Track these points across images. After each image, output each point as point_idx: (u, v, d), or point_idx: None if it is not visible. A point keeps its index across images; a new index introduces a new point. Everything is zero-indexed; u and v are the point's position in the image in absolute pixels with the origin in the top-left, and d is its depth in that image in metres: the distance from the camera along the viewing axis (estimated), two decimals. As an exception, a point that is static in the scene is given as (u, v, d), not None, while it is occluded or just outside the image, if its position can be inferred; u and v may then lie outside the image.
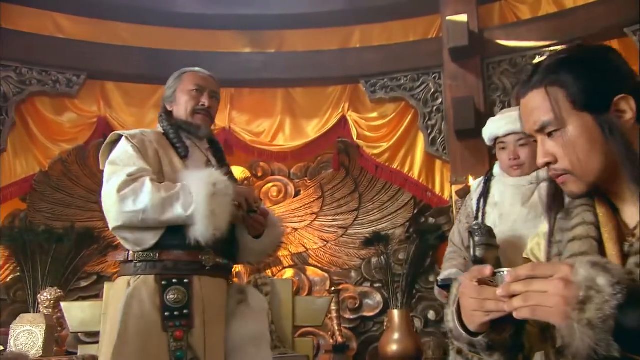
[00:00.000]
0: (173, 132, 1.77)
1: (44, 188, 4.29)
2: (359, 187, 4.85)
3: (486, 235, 1.83)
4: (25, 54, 4.12)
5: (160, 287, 1.61)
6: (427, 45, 4.41)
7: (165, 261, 1.65)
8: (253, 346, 1.67)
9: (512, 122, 1.96)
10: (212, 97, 1.87)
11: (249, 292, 1.76)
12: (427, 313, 4.49)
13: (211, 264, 1.68)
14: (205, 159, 1.82)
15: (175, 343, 1.58)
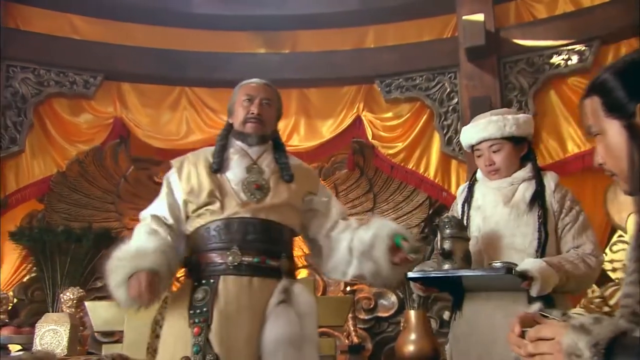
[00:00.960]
0: (218, 147, 1.93)
1: (61, 189, 4.33)
2: (374, 188, 4.84)
3: (456, 228, 1.86)
4: (43, 56, 4.16)
5: (192, 288, 1.75)
6: (443, 44, 4.40)
7: (201, 264, 1.79)
8: (292, 348, 1.66)
9: (482, 130, 2.01)
10: (262, 104, 1.95)
11: (293, 292, 1.75)
12: (442, 313, 4.47)
13: (236, 263, 1.74)
14: (250, 164, 1.91)
15: (193, 339, 1.66)
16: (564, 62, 3.90)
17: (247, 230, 1.79)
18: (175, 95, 4.59)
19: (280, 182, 1.89)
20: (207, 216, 1.82)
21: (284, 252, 1.84)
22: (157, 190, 5.00)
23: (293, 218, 1.90)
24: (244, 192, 1.84)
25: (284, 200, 1.87)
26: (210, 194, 1.82)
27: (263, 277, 1.77)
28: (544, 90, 4.02)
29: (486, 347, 1.81)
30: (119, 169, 4.61)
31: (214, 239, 1.79)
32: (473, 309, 1.90)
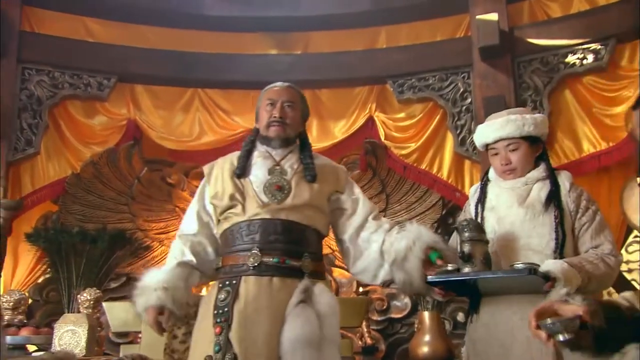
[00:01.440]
0: (243, 152, 1.98)
1: (75, 190, 4.36)
2: (386, 188, 4.83)
3: (475, 231, 1.84)
4: (58, 58, 4.19)
5: (217, 289, 1.81)
6: (455, 44, 4.37)
7: (225, 266, 1.86)
8: (311, 349, 1.65)
9: (500, 128, 1.99)
10: (285, 107, 1.99)
11: (314, 292, 1.75)
12: (456, 315, 4.45)
13: (256, 264, 1.77)
14: (272, 166, 1.95)
15: (215, 338, 1.71)
16: (579, 61, 3.86)
17: (267, 231, 1.81)
18: (188, 96, 4.61)
19: (303, 182, 1.90)
20: (231, 219, 1.87)
21: (307, 252, 1.84)
22: (169, 192, 5.06)
23: (317, 218, 1.90)
24: (265, 194, 1.87)
25: (306, 200, 1.87)
26: (231, 197, 1.87)
27: (283, 277, 1.79)
28: (558, 90, 3.99)
29: (505, 350, 1.80)
30: (133, 171, 4.64)
31: (237, 241, 1.83)
32: (490, 312, 1.89)
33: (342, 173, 2.07)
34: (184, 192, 4.85)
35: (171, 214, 4.75)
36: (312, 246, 1.88)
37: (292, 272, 1.79)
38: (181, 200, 4.80)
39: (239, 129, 4.58)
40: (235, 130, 4.59)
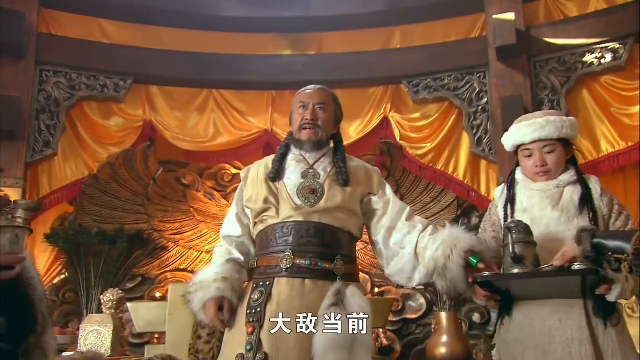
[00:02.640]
0: (277, 156, 2.00)
1: (92, 191, 4.38)
2: (401, 189, 4.82)
3: (524, 233, 1.82)
4: (75, 60, 4.22)
5: (252, 289, 1.83)
6: (471, 44, 4.36)
7: (260, 267, 1.87)
8: (342, 351, 1.65)
9: (539, 129, 1.97)
10: (316, 109, 1.98)
11: (347, 294, 1.72)
12: (471, 315, 4.43)
13: (289, 266, 1.79)
14: (306, 169, 1.96)
15: (247, 337, 1.73)
16: (597, 61, 3.84)
17: (300, 233, 1.83)
18: (203, 97, 4.62)
19: (335, 185, 1.91)
20: (266, 221, 1.89)
21: (339, 255, 1.84)
22: (184, 193, 5.06)
23: (349, 221, 1.90)
24: (298, 197, 1.88)
25: (338, 203, 1.88)
26: (265, 200, 1.89)
27: (316, 280, 1.79)
28: (576, 90, 3.97)
29: (542, 351, 1.78)
30: (149, 172, 4.66)
31: (271, 243, 1.86)
32: (524, 313, 1.86)
33: (376, 175, 2.05)
34: (198, 192, 4.87)
35: (186, 214, 4.77)
36: (344, 249, 1.87)
37: (324, 275, 1.79)
38: (196, 201, 4.82)
39: (254, 130, 4.59)
40: (249, 131, 4.59)
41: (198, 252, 4.72)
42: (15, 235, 0.98)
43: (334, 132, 2.03)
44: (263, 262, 1.86)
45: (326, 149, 2.00)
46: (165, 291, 4.51)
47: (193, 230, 4.75)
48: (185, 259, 4.69)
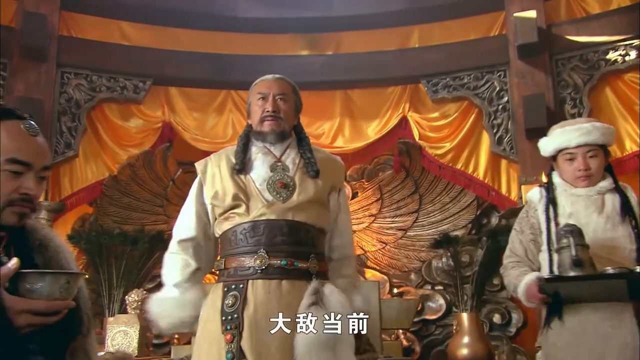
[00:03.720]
0: (239, 147, 1.87)
1: (112, 192, 4.41)
2: (419, 189, 4.80)
3: (579, 236, 1.84)
4: (95, 62, 4.25)
5: (223, 293, 1.71)
6: (491, 42, 4.33)
7: (229, 269, 1.75)
8: (326, 351, 1.60)
9: (585, 134, 1.99)
10: (277, 100, 1.88)
11: (325, 292, 1.65)
12: (492, 316, 4.39)
13: (263, 267, 1.70)
14: (273, 162, 1.85)
15: (226, 345, 1.63)
16: (621, 58, 3.79)
17: (273, 232, 1.73)
18: (221, 98, 4.63)
19: (306, 177, 1.81)
20: (234, 219, 1.77)
21: (313, 253, 1.76)
22: (203, 193, 5.06)
23: (321, 216, 1.82)
24: (269, 192, 1.77)
25: (310, 197, 1.78)
26: (234, 197, 1.77)
27: (292, 280, 1.70)
28: (599, 88, 3.92)
29: (597, 356, 1.81)
30: (168, 173, 4.68)
31: (241, 242, 1.74)
32: (578, 320, 1.88)
33: (342, 167, 1.96)
34: (216, 193, 4.87)
35: (204, 215, 4.78)
36: (318, 246, 1.79)
37: (300, 274, 1.71)
38: (214, 202, 4.83)
39: (272, 130, 4.58)
40: (268, 132, 4.59)
41: (216, 253, 4.73)
42: (67, 281, 0.96)
43: (294, 123, 1.93)
44: (232, 262, 1.74)
45: (289, 140, 1.90)
46: (184, 291, 4.53)
47: (211, 231, 4.76)
48: (203, 259, 4.70)
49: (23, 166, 1.06)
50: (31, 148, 1.08)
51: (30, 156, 1.07)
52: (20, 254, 1.08)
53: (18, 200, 1.05)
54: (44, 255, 1.11)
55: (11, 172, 1.05)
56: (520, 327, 4.33)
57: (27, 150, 1.07)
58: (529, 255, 2.02)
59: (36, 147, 1.09)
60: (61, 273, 0.97)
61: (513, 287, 1.99)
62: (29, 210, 1.07)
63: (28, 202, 1.06)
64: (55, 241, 1.15)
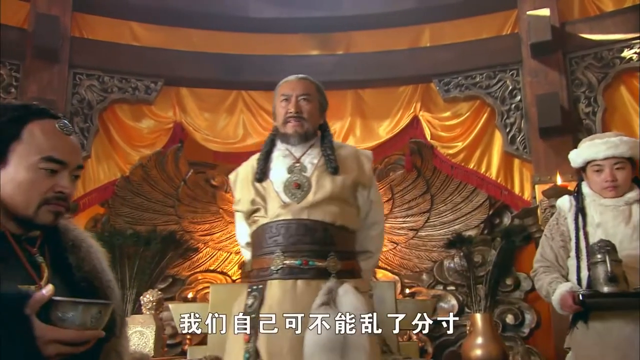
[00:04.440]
0: (261, 155, 1.91)
1: (124, 193, 4.42)
2: (431, 188, 4.77)
3: (614, 251, 1.95)
4: (107, 63, 4.25)
5: (247, 294, 1.76)
6: (503, 41, 4.30)
7: (254, 270, 1.81)
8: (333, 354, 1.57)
9: (613, 147, 2.10)
10: (300, 100, 1.91)
11: (339, 292, 1.63)
12: (504, 317, 4.36)
13: (279, 267, 1.72)
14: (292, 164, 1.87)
15: (244, 345, 1.66)
16: (636, 56, 3.76)
17: (289, 232, 1.75)
18: (232, 98, 4.63)
19: (324, 175, 1.81)
20: (258, 221, 1.83)
21: (332, 252, 1.75)
22: (214, 194, 5.08)
23: (342, 214, 1.80)
24: (285, 194, 1.80)
25: (327, 194, 1.78)
26: (252, 202, 1.82)
27: (308, 280, 1.71)
28: (613, 86, 3.89)
29: (623, 356, 1.91)
30: (179, 173, 4.68)
31: (263, 244, 1.78)
32: (602, 323, 1.99)
33: (367, 164, 1.91)
34: (227, 193, 4.87)
35: (215, 215, 4.78)
36: (338, 244, 1.77)
37: (317, 274, 1.70)
38: (224, 202, 4.83)
39: (283, 131, 4.58)
40: (278, 132, 4.58)
41: (227, 253, 4.74)
42: (99, 311, 0.95)
43: (320, 123, 1.94)
44: (256, 264, 1.81)
45: (313, 140, 1.90)
46: (195, 292, 4.54)
47: (222, 232, 4.76)
48: (214, 259, 4.71)
49: (58, 165, 1.07)
50: (66, 147, 1.09)
51: (65, 155, 1.08)
52: (53, 253, 1.08)
53: (53, 198, 1.05)
54: (77, 255, 1.11)
55: (47, 171, 1.05)
56: (534, 327, 4.30)
57: (62, 149, 1.08)
58: (559, 261, 2.15)
59: (71, 146, 1.10)
60: (94, 303, 0.95)
61: (545, 292, 2.10)
62: (64, 209, 1.07)
63: (63, 200, 1.07)
64: (87, 241, 1.15)
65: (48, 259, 1.09)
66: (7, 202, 1.05)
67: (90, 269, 1.12)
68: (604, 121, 3.85)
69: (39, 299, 0.90)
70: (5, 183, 1.04)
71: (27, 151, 1.04)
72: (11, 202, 1.04)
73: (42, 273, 1.06)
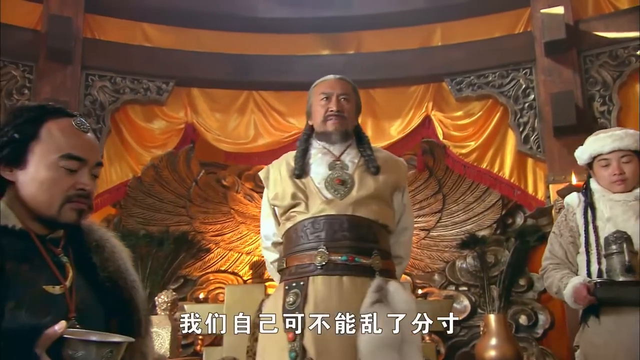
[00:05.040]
0: (299, 152, 1.91)
1: (136, 193, 4.43)
2: (443, 188, 4.75)
3: (630, 243, 1.93)
4: (119, 64, 4.26)
5: (284, 291, 1.72)
6: (515, 40, 4.27)
7: (290, 267, 1.77)
8: (391, 351, 1.58)
9: (618, 140, 2.08)
10: (341, 99, 1.91)
11: (389, 289, 1.63)
12: (518, 317, 4.33)
13: (324, 263, 1.70)
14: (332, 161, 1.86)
15: (289, 344, 1.63)
16: (653, 53, 3.71)
17: (333, 228, 1.73)
18: (243, 99, 4.63)
19: (366, 175, 1.82)
20: (295, 218, 1.81)
21: (376, 250, 1.75)
22: (225, 194, 5.07)
23: (383, 212, 1.81)
24: (327, 190, 1.79)
25: (371, 192, 1.79)
26: (293, 196, 1.81)
27: (353, 276, 1.70)
28: (629, 84, 3.85)
29: (633, 355, 1.85)
30: (191, 174, 4.69)
31: (302, 240, 1.76)
32: (612, 319, 1.95)
33: (404, 167, 1.97)
34: (238, 194, 4.88)
35: (226, 216, 4.78)
36: (380, 242, 1.78)
37: (362, 271, 1.69)
38: (236, 203, 4.83)
39: (294, 131, 4.57)
40: (289, 132, 4.58)
41: (238, 254, 4.73)
42: (110, 350, 0.91)
43: (355, 124, 1.95)
44: (293, 261, 1.77)
45: (351, 140, 1.91)
46: (207, 292, 4.55)
47: (233, 232, 4.76)
48: (226, 260, 4.71)
49: (78, 162, 1.06)
50: (84, 144, 1.08)
51: (84, 152, 1.07)
52: (77, 253, 1.08)
53: (75, 196, 1.05)
54: (101, 255, 1.11)
55: (67, 169, 1.05)
56: (548, 328, 4.26)
57: (80, 146, 1.07)
58: (569, 257, 2.10)
59: (89, 143, 1.10)
60: (106, 342, 0.92)
61: (556, 288, 2.04)
62: (87, 207, 1.07)
63: (85, 197, 1.06)
64: (111, 242, 1.15)
65: (71, 259, 1.09)
66: (30, 202, 1.05)
67: (115, 269, 1.12)
68: (619, 120, 3.80)
69: (50, 336, 0.87)
70: (27, 184, 1.04)
71: (46, 150, 1.04)
72: (34, 203, 1.04)
73: (66, 273, 1.05)
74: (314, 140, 1.93)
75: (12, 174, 1.05)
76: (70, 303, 1.01)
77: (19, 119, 1.07)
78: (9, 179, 1.05)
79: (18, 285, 0.96)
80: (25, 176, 1.04)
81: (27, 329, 0.87)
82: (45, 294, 0.99)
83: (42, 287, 0.99)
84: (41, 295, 0.99)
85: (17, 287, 0.95)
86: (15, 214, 1.05)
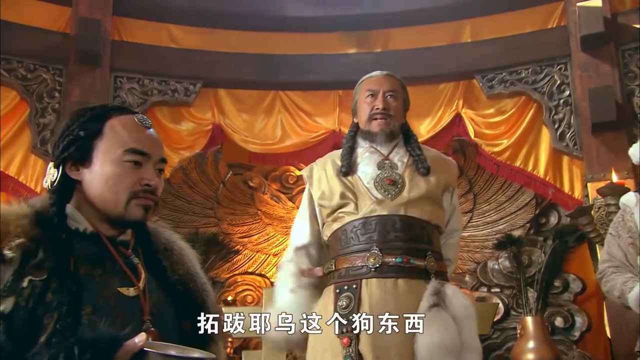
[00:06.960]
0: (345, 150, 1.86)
1: (165, 195, 4.42)
2: (474, 188, 4.66)
3: None
4: (146, 66, 4.25)
5: (335, 295, 1.66)
6: (549, 35, 4.16)
7: (340, 269, 1.70)
8: (450, 357, 1.53)
9: None
10: (387, 97, 1.86)
11: (448, 293, 1.59)
12: (553, 320, 4.22)
13: (377, 265, 1.64)
14: (381, 160, 1.81)
15: (344, 350, 1.58)
16: (695, 46, 3.58)
17: (386, 229, 1.68)
18: (270, 99, 4.59)
19: (416, 175, 1.77)
20: (343, 219, 1.75)
21: (430, 251, 1.69)
22: (252, 196, 5.04)
23: (435, 213, 1.76)
24: (377, 190, 1.74)
25: (422, 193, 1.73)
26: (342, 195, 1.75)
27: (409, 279, 1.64)
28: (671, 78, 3.72)
29: None
30: (218, 175, 4.68)
31: (352, 241, 1.70)
32: None
33: (454, 166, 1.93)
34: (265, 195, 4.85)
35: (253, 217, 4.76)
36: (434, 244, 1.73)
37: (417, 273, 1.64)
38: (263, 204, 4.80)
39: (321, 131, 4.53)
40: (317, 132, 4.53)
41: (265, 255, 4.71)
42: None
43: (402, 122, 1.89)
44: (343, 263, 1.70)
45: (398, 139, 1.86)
46: (235, 294, 4.53)
47: (260, 233, 4.73)
48: (253, 262, 4.68)
49: (142, 156, 1.06)
50: (147, 139, 1.08)
51: (148, 146, 1.07)
52: (146, 256, 1.06)
53: (141, 192, 1.04)
54: (170, 258, 1.09)
55: (132, 164, 1.04)
56: (585, 331, 4.14)
57: (143, 141, 1.07)
58: (629, 259, 2.02)
59: (152, 138, 1.10)
60: (185, 358, 0.88)
61: (619, 292, 1.98)
62: (153, 203, 1.06)
63: (150, 193, 1.05)
64: (178, 244, 1.14)
65: (142, 262, 1.07)
66: (97, 201, 1.04)
67: (185, 271, 1.10)
68: (660, 116, 3.68)
69: (130, 349, 0.85)
70: (93, 182, 1.04)
71: (110, 146, 1.05)
72: (101, 201, 1.04)
73: (139, 275, 1.04)
74: (359, 138, 1.87)
75: (78, 172, 1.06)
76: (144, 305, 1.00)
77: (83, 117, 1.07)
78: (76, 177, 1.05)
79: (94, 289, 0.95)
80: (91, 174, 1.05)
81: (107, 340, 0.85)
82: (120, 296, 0.98)
83: (116, 290, 0.98)
84: (116, 298, 0.97)
85: (92, 291, 0.94)
86: (84, 217, 1.04)
